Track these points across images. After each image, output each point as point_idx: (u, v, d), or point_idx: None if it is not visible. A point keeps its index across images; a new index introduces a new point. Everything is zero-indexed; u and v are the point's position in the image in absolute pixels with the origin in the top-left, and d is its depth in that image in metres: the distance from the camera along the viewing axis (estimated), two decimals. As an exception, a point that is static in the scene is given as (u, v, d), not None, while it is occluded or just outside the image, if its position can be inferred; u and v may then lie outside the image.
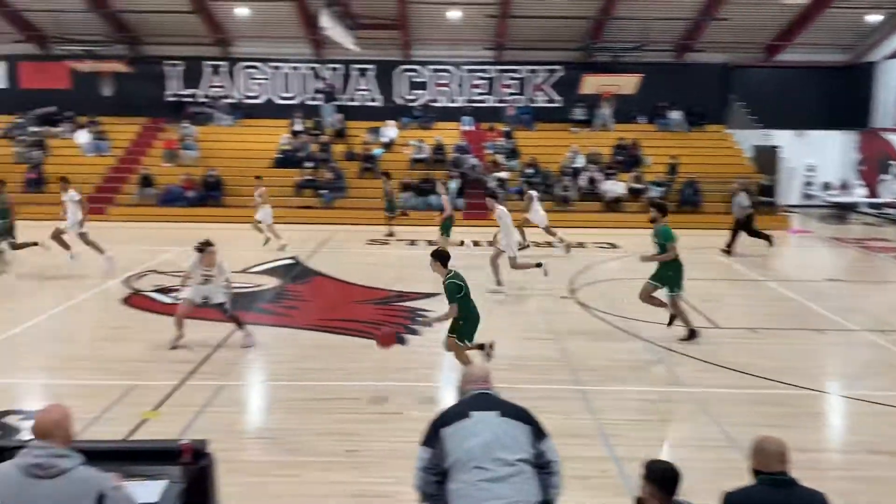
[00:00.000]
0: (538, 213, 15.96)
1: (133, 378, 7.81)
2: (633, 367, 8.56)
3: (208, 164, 21.28)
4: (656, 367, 8.57)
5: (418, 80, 24.47)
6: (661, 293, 9.43)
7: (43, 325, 9.84)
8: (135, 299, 11.27)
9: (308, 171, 21.32)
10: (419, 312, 10.62)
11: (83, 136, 22.74)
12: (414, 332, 9.62)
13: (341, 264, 14.21)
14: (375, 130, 23.28)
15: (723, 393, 7.67)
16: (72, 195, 13.18)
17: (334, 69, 24.37)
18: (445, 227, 14.95)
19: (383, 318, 10.41)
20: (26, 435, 6.19)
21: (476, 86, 24.63)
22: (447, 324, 7.58)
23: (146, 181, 20.73)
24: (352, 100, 24.52)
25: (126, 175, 21.55)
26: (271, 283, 12.63)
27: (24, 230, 13.90)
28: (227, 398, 7.46)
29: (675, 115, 24.23)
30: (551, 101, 24.68)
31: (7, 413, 6.85)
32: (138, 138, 23.47)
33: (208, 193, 20.55)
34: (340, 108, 24.01)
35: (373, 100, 24.56)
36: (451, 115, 24.21)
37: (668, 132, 24.06)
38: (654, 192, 20.93)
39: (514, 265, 12.01)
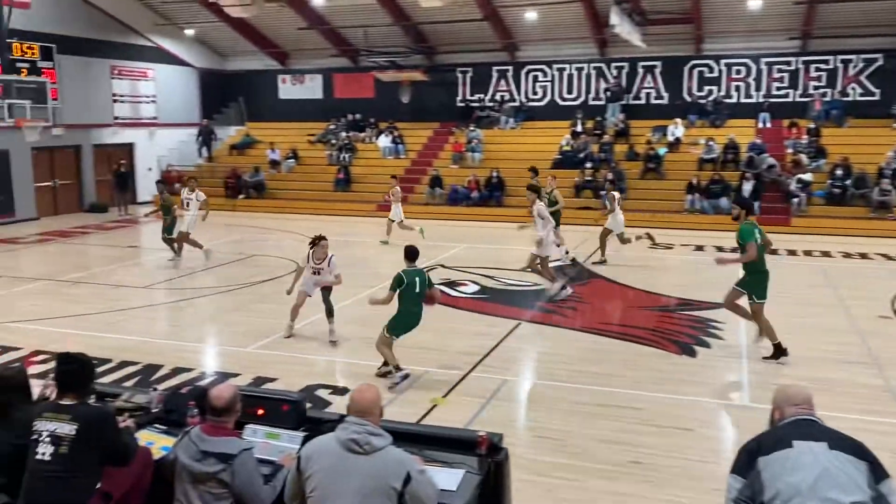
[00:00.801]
0: (617, 216, 14.03)
1: (424, 364, 8.23)
2: (984, 407, 7.09)
3: (491, 165, 22.06)
4: None
5: (710, 75, 23.01)
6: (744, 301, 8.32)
7: (346, 310, 10.80)
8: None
9: (588, 171, 21.13)
10: (710, 323, 9.88)
11: (384, 141, 24.90)
12: (706, 345, 8.96)
13: (621, 267, 13.80)
14: (661, 129, 22.37)
15: None
16: (198, 195, 14.34)
17: (619, 68, 23.87)
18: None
19: (668, 326, 9.85)
20: (333, 408, 6.78)
21: (776, 79, 22.48)
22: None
23: (436, 182, 22.09)
24: (636, 98, 23.83)
25: (419, 176, 23.17)
26: (549, 282, 12.61)
27: (326, 224, 15.36)
28: (509, 393, 7.55)
29: None
30: (868, 93, 21.70)
31: (318, 387, 7.59)
32: (430, 142, 25.10)
33: (491, 194, 21.30)
34: (624, 108, 23.46)
35: (659, 97, 23.63)
36: (746, 111, 22.39)
37: None
38: None
39: (534, 266, 11.46)
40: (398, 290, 7.54)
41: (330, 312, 9.27)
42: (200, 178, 24.80)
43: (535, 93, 24.94)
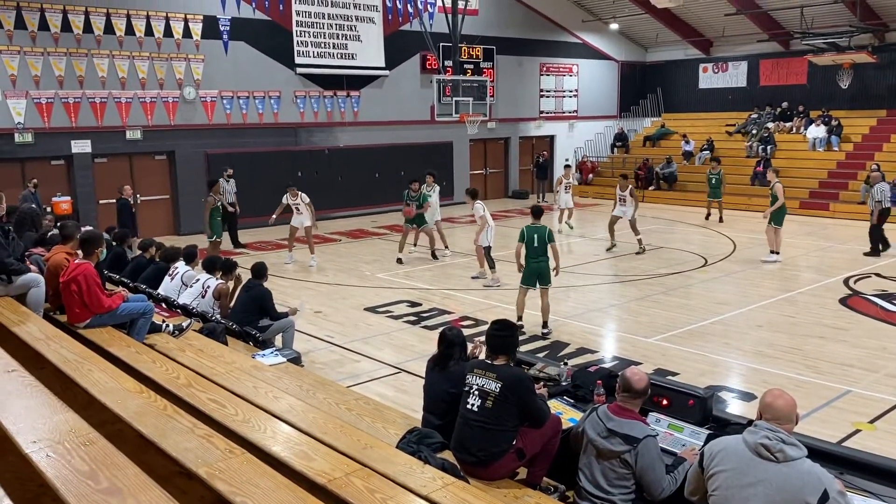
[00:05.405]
0: None
1: (846, 382, 7.35)
2: None
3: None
4: None
5: None
6: None
7: (756, 312, 10.13)
8: (854, 300, 10.60)
9: None
10: None
11: (814, 131, 22.53)
12: None
13: None
14: None
15: None
16: (303, 197, 13.56)
17: None
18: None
19: None
20: (732, 410, 6.44)
21: None
22: None
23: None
24: None
25: (854, 171, 20.47)
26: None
27: (738, 220, 14.42)
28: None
29: None
30: None
31: (721, 388, 7.28)
32: (872, 132, 21.94)
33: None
34: None
35: None
36: None
37: None
38: None
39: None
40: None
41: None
42: (612, 168, 25.63)
43: None
